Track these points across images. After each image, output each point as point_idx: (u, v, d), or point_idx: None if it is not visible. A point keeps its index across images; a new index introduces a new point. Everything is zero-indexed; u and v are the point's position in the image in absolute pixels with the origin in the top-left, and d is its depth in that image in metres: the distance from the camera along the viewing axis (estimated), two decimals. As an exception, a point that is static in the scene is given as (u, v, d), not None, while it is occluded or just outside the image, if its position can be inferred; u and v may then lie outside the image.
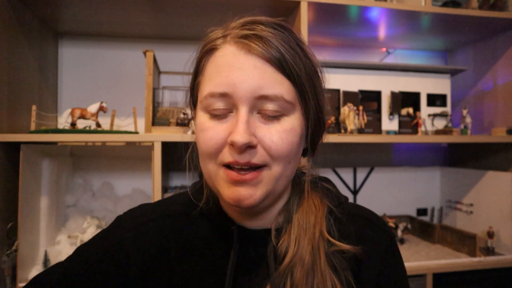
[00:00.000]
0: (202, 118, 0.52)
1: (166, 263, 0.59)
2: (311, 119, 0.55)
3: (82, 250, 0.62)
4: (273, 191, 0.52)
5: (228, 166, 0.50)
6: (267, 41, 0.50)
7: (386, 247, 0.60)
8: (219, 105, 0.50)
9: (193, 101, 0.58)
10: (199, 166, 0.61)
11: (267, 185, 0.51)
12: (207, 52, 0.54)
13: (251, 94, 0.49)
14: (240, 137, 0.47)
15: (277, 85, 0.50)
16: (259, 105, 0.50)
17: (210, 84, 0.51)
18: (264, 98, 0.49)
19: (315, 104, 0.55)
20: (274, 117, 0.51)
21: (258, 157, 0.50)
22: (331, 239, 0.55)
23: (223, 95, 0.50)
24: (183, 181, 1.66)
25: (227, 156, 0.50)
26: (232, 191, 0.50)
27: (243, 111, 0.49)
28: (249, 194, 0.50)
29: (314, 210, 0.57)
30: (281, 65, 0.50)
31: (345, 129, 1.43)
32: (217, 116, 0.51)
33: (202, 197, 0.60)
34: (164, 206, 0.65)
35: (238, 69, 0.49)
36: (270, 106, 0.50)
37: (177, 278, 0.57)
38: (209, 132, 0.51)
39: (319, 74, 0.57)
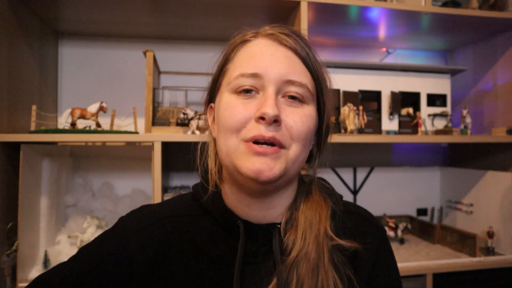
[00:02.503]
0: (229, 98, 0.56)
1: (171, 264, 0.59)
2: (324, 116, 0.60)
3: (86, 251, 0.62)
4: (289, 172, 0.55)
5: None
6: (294, 39, 0.57)
7: (380, 241, 0.64)
8: (249, 83, 0.55)
9: (214, 89, 0.62)
10: (201, 167, 0.65)
11: (285, 163, 0.54)
12: (239, 44, 0.60)
13: (280, 77, 0.54)
14: (271, 109, 0.51)
15: (303, 75, 0.57)
16: (285, 89, 0.55)
17: (241, 67, 0.56)
18: (290, 83, 0.55)
19: (327, 105, 0.60)
20: (297, 102, 0.56)
21: (281, 134, 0.53)
22: (335, 238, 0.57)
23: (254, 75, 0.55)
24: (183, 181, 1.66)
25: (252, 131, 0.53)
26: (253, 163, 0.52)
27: (271, 90, 0.54)
28: (269, 166, 0.52)
29: (319, 209, 0.60)
30: (306, 60, 0.57)
31: (345, 129, 1.43)
32: (245, 95, 0.55)
33: (205, 196, 0.62)
34: (167, 207, 0.66)
35: (270, 55, 0.56)
36: (294, 90, 0.55)
37: (183, 277, 0.58)
38: (236, 108, 0.54)
39: (329, 82, 0.62)
